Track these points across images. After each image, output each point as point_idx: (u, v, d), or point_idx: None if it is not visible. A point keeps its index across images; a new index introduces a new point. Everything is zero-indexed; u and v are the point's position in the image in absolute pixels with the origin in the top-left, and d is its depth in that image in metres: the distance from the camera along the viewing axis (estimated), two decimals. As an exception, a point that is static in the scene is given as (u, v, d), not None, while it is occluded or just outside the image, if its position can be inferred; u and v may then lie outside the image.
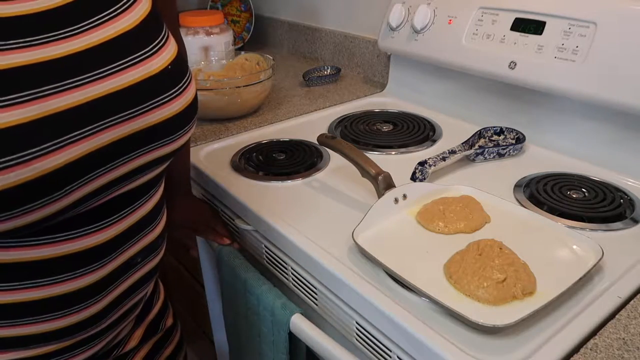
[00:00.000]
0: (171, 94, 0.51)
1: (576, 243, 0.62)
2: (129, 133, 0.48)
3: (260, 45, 1.74)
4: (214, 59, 1.19)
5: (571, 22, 0.83)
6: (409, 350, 0.54)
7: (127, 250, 0.55)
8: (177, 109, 0.52)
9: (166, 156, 0.54)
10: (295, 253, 0.68)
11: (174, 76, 0.52)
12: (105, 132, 0.46)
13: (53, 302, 0.51)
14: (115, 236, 0.53)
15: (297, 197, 0.78)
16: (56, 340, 0.54)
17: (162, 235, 0.61)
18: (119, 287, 0.56)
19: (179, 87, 0.52)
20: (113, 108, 0.46)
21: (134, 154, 0.49)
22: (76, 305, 0.52)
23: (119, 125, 0.47)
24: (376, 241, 0.64)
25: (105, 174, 0.47)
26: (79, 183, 0.45)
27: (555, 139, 0.90)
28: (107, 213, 0.51)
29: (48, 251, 0.48)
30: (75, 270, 0.51)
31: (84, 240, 0.50)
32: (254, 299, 0.73)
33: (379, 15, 1.27)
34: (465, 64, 0.98)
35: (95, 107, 0.45)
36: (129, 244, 0.55)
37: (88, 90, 0.45)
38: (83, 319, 0.54)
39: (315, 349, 0.64)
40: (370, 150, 0.92)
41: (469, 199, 0.71)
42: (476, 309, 0.53)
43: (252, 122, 1.07)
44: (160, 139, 0.51)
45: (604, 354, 0.49)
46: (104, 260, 0.52)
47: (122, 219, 0.53)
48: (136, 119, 0.48)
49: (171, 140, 0.52)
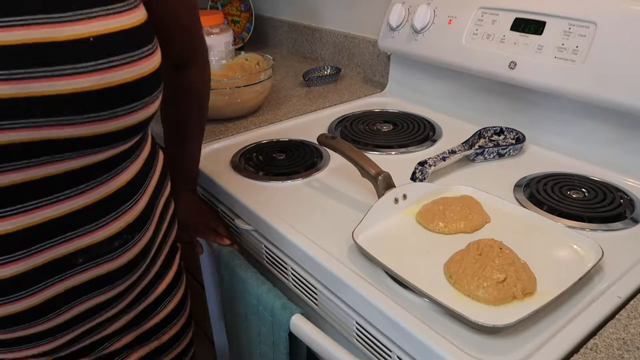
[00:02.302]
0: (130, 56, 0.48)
1: (576, 243, 0.62)
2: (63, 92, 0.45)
3: (260, 45, 1.74)
4: (214, 59, 1.19)
5: (571, 22, 0.83)
6: (409, 350, 0.54)
7: (58, 244, 0.50)
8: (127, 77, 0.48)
9: (94, 140, 0.48)
10: (295, 253, 0.68)
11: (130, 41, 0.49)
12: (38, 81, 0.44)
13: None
14: (44, 222, 0.49)
15: (297, 197, 0.78)
16: (4, 327, 0.52)
17: (117, 237, 0.55)
18: (56, 285, 0.52)
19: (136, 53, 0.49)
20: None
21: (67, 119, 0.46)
22: (7, 295, 0.50)
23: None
24: (376, 241, 0.64)
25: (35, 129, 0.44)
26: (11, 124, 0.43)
27: (555, 139, 0.90)
28: (36, 193, 0.48)
29: None
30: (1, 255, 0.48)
31: (8, 222, 0.47)
32: (253, 300, 0.73)
33: (379, 15, 1.27)
34: (465, 64, 0.98)
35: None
36: (60, 238, 0.50)
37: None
38: (20, 311, 0.51)
39: (315, 350, 0.64)
40: (370, 150, 0.92)
41: (469, 199, 0.71)
42: (476, 309, 0.53)
43: (252, 122, 1.07)
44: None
45: (604, 354, 0.49)
46: (29, 249, 0.49)
47: (46, 206, 0.49)
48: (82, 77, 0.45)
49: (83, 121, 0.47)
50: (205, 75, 0.77)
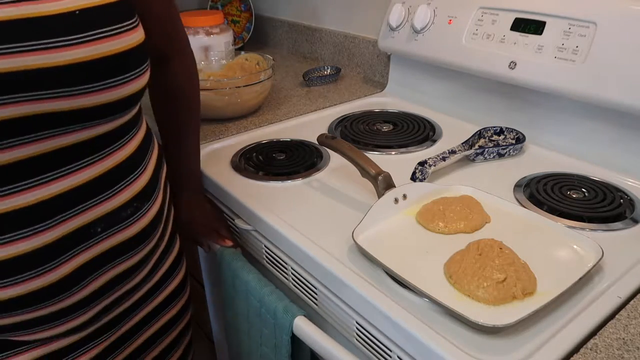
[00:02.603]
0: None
1: (576, 243, 0.62)
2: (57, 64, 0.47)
3: (260, 45, 1.74)
4: (214, 59, 1.19)
5: (571, 22, 0.83)
6: (409, 350, 0.54)
7: (77, 215, 0.53)
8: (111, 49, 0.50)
9: (91, 112, 0.51)
10: (295, 253, 0.68)
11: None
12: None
13: (4, 266, 0.50)
14: (61, 193, 0.51)
15: (297, 197, 0.78)
16: (23, 307, 0.53)
17: (130, 204, 0.58)
18: (79, 257, 0.54)
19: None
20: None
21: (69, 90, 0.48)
22: (30, 270, 0.51)
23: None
24: (376, 241, 0.64)
25: (43, 101, 0.47)
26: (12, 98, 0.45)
27: (555, 139, 0.90)
28: (41, 168, 0.50)
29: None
30: (20, 229, 0.50)
31: (25, 196, 0.49)
32: (255, 301, 0.73)
33: (379, 15, 1.27)
34: (465, 64, 0.98)
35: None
36: (77, 208, 0.53)
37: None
38: (45, 286, 0.52)
39: (319, 352, 0.64)
40: (370, 150, 0.92)
41: (469, 199, 0.71)
42: (476, 309, 0.53)
43: (252, 122, 1.07)
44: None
45: (604, 354, 0.49)
46: (50, 221, 0.51)
47: (59, 178, 0.51)
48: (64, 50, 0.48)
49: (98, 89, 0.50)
50: (188, 68, 0.77)
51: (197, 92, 0.81)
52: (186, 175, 0.84)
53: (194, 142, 0.84)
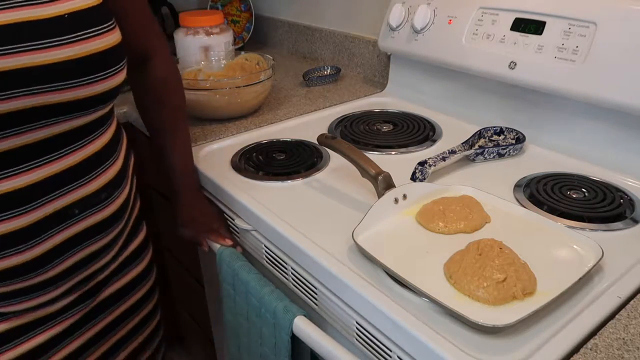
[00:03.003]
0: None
1: (576, 243, 0.62)
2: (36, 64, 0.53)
3: (260, 45, 1.74)
4: (214, 59, 1.19)
5: (571, 22, 0.83)
6: (409, 350, 0.54)
7: (58, 198, 0.59)
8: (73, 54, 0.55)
9: (78, 104, 0.57)
10: (295, 253, 0.68)
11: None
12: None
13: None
14: (46, 178, 0.57)
15: (297, 197, 0.78)
16: (3, 280, 0.58)
17: (104, 190, 0.65)
18: (56, 237, 0.60)
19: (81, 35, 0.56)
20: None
21: (49, 87, 0.53)
22: (13, 247, 0.57)
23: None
24: (376, 241, 0.64)
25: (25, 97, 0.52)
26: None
27: (555, 139, 0.90)
28: (29, 156, 0.56)
29: None
30: (7, 211, 0.56)
31: (13, 181, 0.55)
32: (255, 301, 0.73)
33: (379, 15, 1.27)
34: (465, 64, 0.98)
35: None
36: (59, 192, 0.59)
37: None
38: (27, 261, 0.58)
39: (319, 352, 0.64)
40: (370, 150, 0.92)
41: (469, 199, 0.71)
42: (476, 309, 0.53)
43: (252, 122, 1.07)
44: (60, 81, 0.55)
45: (604, 354, 0.49)
46: (34, 203, 0.57)
47: (44, 164, 0.57)
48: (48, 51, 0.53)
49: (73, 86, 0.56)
50: (167, 68, 0.81)
51: (180, 89, 0.85)
52: (180, 174, 0.84)
53: (184, 140, 0.86)
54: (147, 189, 1.29)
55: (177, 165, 0.84)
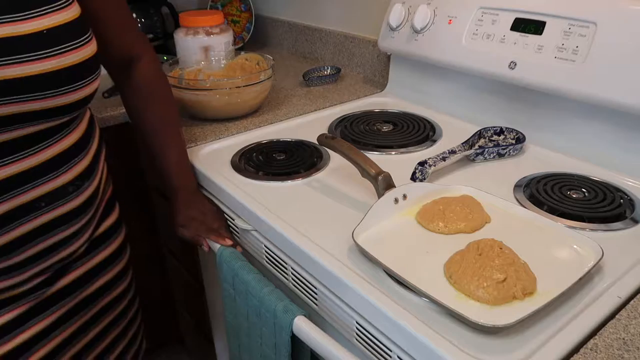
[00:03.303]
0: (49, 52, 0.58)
1: (576, 243, 0.62)
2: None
3: (260, 45, 1.74)
4: (214, 59, 1.19)
5: (571, 22, 0.83)
6: (409, 350, 0.54)
7: (26, 192, 0.62)
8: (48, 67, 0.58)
9: (52, 111, 0.60)
10: (295, 253, 0.68)
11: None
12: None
13: None
14: (17, 173, 0.61)
15: (297, 197, 0.78)
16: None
17: (71, 183, 0.67)
18: (23, 227, 0.63)
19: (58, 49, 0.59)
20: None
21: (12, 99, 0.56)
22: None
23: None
24: (376, 241, 0.64)
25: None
26: None
27: (555, 139, 0.90)
28: (10, 151, 0.59)
29: None
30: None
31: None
32: (255, 301, 0.73)
33: (379, 15, 1.27)
34: (465, 64, 0.98)
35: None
36: (27, 186, 0.62)
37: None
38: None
39: (319, 352, 0.64)
40: (370, 150, 0.92)
41: (469, 199, 0.71)
42: (476, 309, 0.53)
43: (252, 122, 1.07)
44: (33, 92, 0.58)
45: (604, 354, 0.49)
46: (4, 196, 0.60)
47: (14, 162, 0.60)
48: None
49: (44, 97, 0.59)
50: (153, 68, 0.83)
51: (168, 89, 0.86)
52: (177, 174, 0.85)
53: (177, 139, 0.86)
54: (147, 189, 1.29)
55: (172, 165, 0.84)
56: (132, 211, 1.28)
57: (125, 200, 1.25)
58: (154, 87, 0.83)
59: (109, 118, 1.13)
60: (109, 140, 1.16)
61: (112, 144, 1.18)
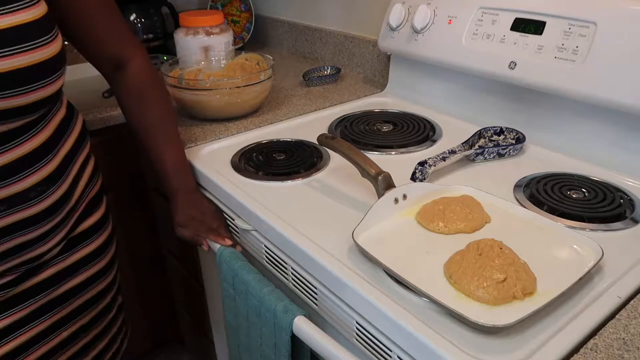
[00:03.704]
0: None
1: (576, 243, 0.62)
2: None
3: (260, 45, 1.74)
4: (214, 59, 1.19)
5: (571, 22, 0.83)
6: (409, 350, 0.54)
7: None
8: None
9: (8, 112, 0.59)
10: (295, 253, 0.68)
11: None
12: None
13: None
14: None
15: (297, 197, 0.78)
16: None
17: (32, 189, 0.66)
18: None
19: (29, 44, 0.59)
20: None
21: None
22: None
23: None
24: (376, 241, 0.64)
25: None
26: None
27: (555, 139, 0.90)
28: None
29: None
30: None
31: None
32: (255, 301, 0.73)
33: (379, 15, 1.27)
34: (465, 64, 0.98)
35: None
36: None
37: None
38: None
39: (319, 352, 0.64)
40: (370, 150, 0.92)
41: (469, 199, 0.71)
42: (476, 309, 0.53)
43: (252, 122, 1.07)
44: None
45: (604, 354, 0.49)
46: None
47: None
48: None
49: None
50: (145, 67, 0.82)
51: (162, 89, 0.86)
52: (175, 174, 0.84)
53: (174, 139, 0.86)
54: (147, 189, 1.29)
55: (170, 166, 0.84)
56: (132, 211, 1.28)
57: (125, 200, 1.26)
58: (147, 88, 0.83)
59: (108, 118, 1.13)
60: (109, 140, 1.16)
61: (112, 144, 1.18)
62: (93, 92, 1.26)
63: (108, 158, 1.18)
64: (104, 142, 1.15)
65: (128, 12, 1.49)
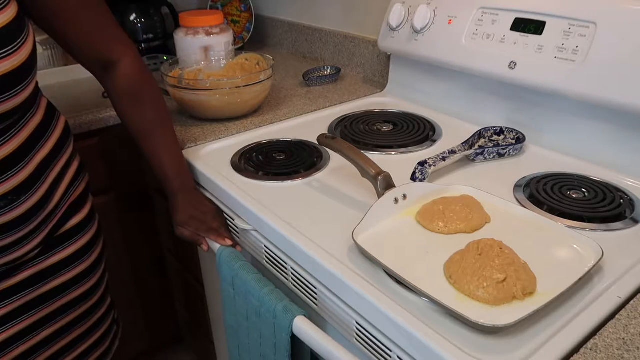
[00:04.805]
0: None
1: (576, 243, 0.62)
2: None
3: (260, 45, 1.74)
4: (214, 59, 1.19)
5: (571, 22, 0.83)
6: (409, 350, 0.54)
7: None
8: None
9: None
10: (295, 253, 0.68)
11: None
12: None
13: None
14: None
15: (297, 197, 0.78)
16: None
17: (2, 199, 0.64)
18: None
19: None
20: None
21: None
22: None
23: None
24: (376, 241, 0.64)
25: None
26: None
27: (555, 139, 0.90)
28: None
29: None
30: None
31: None
32: (255, 301, 0.73)
33: (379, 15, 1.27)
34: (465, 64, 0.98)
35: None
36: None
37: None
38: None
39: (319, 352, 0.64)
40: (370, 150, 0.92)
41: (469, 199, 0.71)
42: (476, 309, 0.53)
43: (252, 122, 1.07)
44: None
45: (604, 354, 0.49)
46: None
47: None
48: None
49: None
50: (136, 67, 0.80)
51: (155, 89, 0.84)
52: (173, 175, 0.84)
53: (170, 139, 0.85)
54: (147, 189, 1.29)
55: (168, 167, 0.84)
56: (132, 211, 1.28)
57: (125, 200, 1.26)
58: (138, 89, 0.81)
59: (108, 118, 1.13)
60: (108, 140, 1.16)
61: (111, 144, 1.18)
62: (93, 92, 1.26)
63: (108, 158, 1.18)
64: (103, 142, 1.15)
65: (128, 12, 1.49)
